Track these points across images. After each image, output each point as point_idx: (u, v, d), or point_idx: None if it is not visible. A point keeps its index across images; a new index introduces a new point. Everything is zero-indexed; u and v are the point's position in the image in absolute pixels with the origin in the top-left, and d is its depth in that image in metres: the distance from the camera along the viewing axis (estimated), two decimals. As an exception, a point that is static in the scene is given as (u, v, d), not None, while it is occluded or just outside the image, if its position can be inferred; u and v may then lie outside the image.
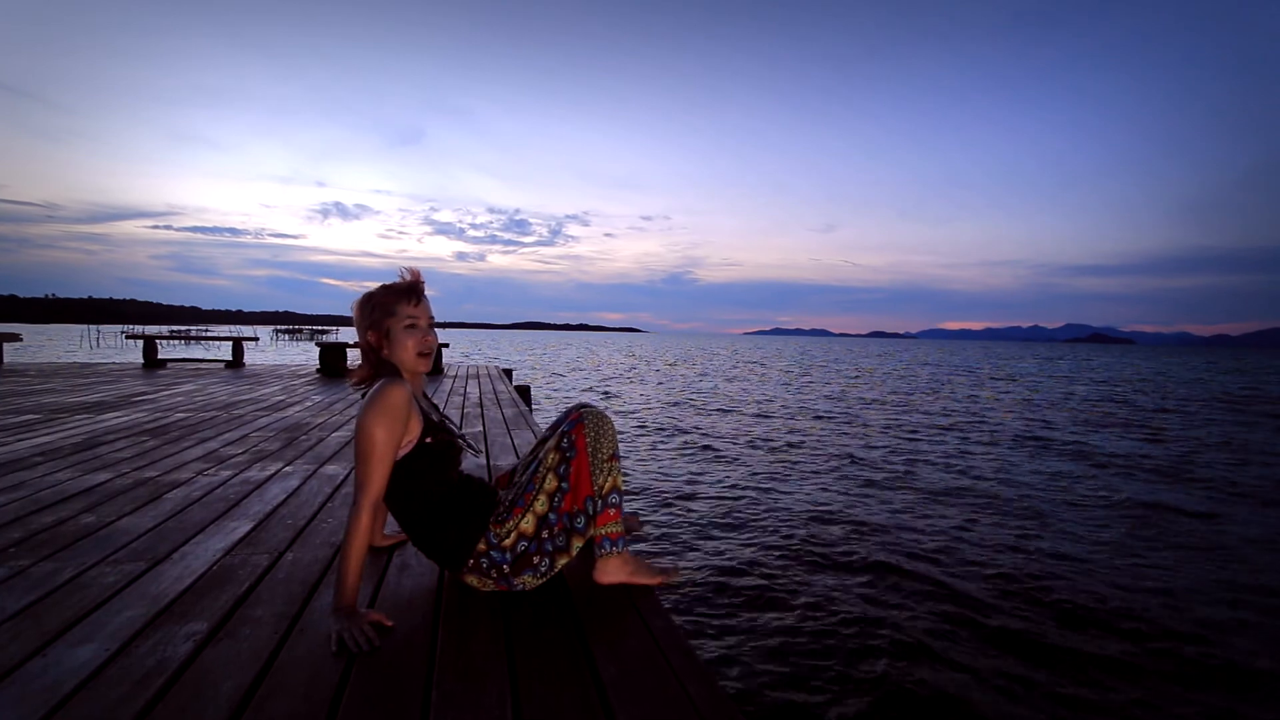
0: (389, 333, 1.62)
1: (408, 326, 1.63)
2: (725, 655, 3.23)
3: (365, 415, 1.49)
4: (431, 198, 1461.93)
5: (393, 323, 1.62)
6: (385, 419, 1.49)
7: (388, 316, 1.62)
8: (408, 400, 1.54)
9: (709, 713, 1.17)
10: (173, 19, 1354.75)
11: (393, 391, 1.52)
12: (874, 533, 5.31)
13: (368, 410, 1.50)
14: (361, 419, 1.50)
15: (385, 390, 1.52)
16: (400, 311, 1.62)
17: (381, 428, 1.48)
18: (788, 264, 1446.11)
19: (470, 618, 1.54)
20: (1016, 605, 3.93)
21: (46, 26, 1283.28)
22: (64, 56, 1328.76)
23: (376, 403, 1.50)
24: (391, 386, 1.53)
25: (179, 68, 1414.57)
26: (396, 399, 1.51)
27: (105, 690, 1.20)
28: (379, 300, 1.63)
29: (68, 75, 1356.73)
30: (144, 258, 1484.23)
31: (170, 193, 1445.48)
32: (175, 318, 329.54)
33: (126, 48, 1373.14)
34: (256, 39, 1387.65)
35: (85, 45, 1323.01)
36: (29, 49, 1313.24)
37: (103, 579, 1.75)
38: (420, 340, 1.64)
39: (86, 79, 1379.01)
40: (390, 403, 1.50)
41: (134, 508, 2.45)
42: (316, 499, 2.64)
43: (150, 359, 9.78)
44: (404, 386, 1.55)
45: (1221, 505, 6.63)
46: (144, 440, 3.87)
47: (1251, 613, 3.93)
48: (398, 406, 1.51)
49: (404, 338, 1.62)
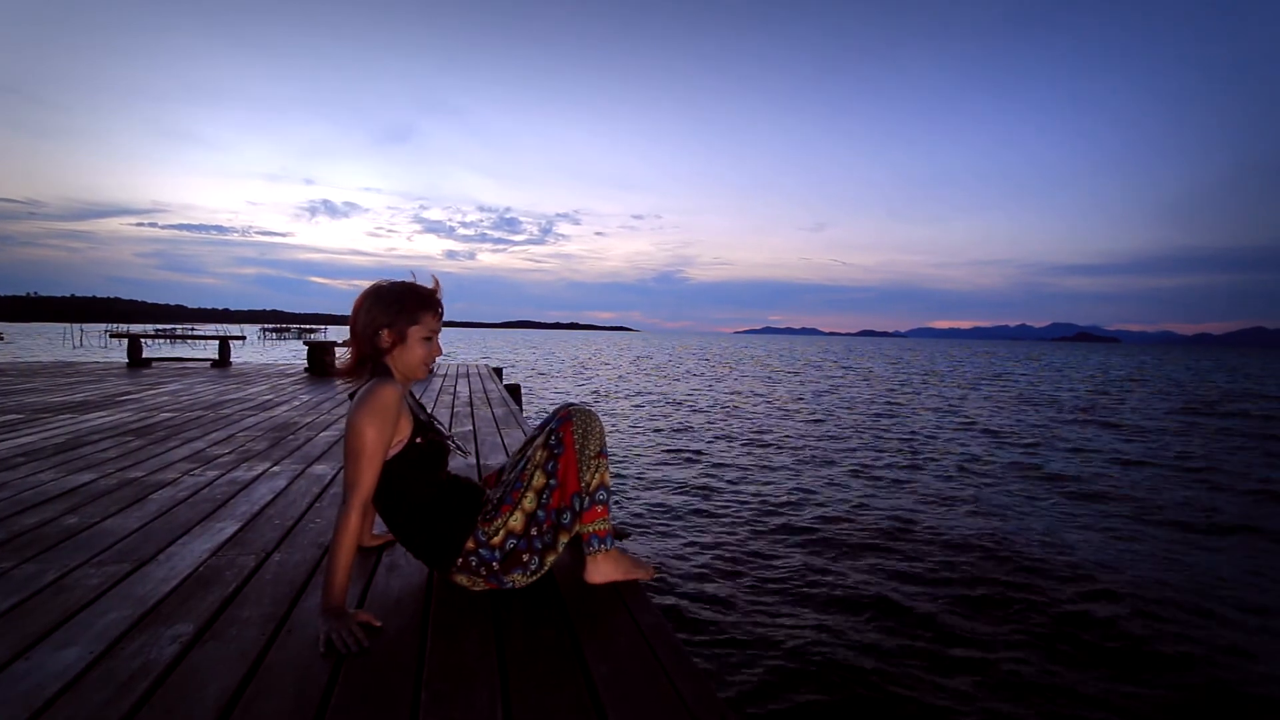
0: (406, 337, 1.61)
1: (426, 338, 1.63)
2: (713, 650, 3.25)
3: (357, 414, 1.48)
4: (421, 196, 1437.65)
5: (415, 331, 1.61)
6: (377, 418, 1.48)
7: (412, 323, 1.61)
8: (399, 400, 1.54)
9: (699, 709, 1.17)
10: (158, 13, 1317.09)
11: (385, 391, 1.51)
12: (859, 525, 5.36)
13: (359, 409, 1.49)
14: (353, 418, 1.49)
15: (377, 390, 1.51)
16: (424, 321, 1.62)
17: (373, 427, 1.47)
18: (778, 263, 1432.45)
19: (460, 617, 1.54)
20: (1011, 595, 3.98)
21: (28, 21, 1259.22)
22: (46, 51, 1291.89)
23: (369, 402, 1.49)
24: (384, 386, 1.52)
25: (165, 63, 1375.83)
26: (389, 398, 1.50)
27: (89, 693, 1.19)
28: (407, 304, 1.60)
29: (50, 70, 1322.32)
30: (129, 255, 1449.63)
31: (156, 190, 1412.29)
32: (161, 316, 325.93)
33: (111, 43, 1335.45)
34: (244, 35, 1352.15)
35: (68, 40, 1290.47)
36: (10, 43, 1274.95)
37: (87, 581, 1.73)
38: (430, 353, 1.65)
39: (69, 74, 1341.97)
40: (383, 402, 1.49)
41: (119, 509, 2.42)
42: (304, 499, 2.62)
43: (135, 358, 9.65)
44: (396, 386, 1.54)
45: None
46: (129, 440, 3.82)
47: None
48: (390, 406, 1.50)
49: (419, 348, 1.62)
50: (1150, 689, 3.05)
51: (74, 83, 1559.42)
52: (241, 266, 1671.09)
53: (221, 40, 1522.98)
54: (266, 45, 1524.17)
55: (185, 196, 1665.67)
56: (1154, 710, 2.89)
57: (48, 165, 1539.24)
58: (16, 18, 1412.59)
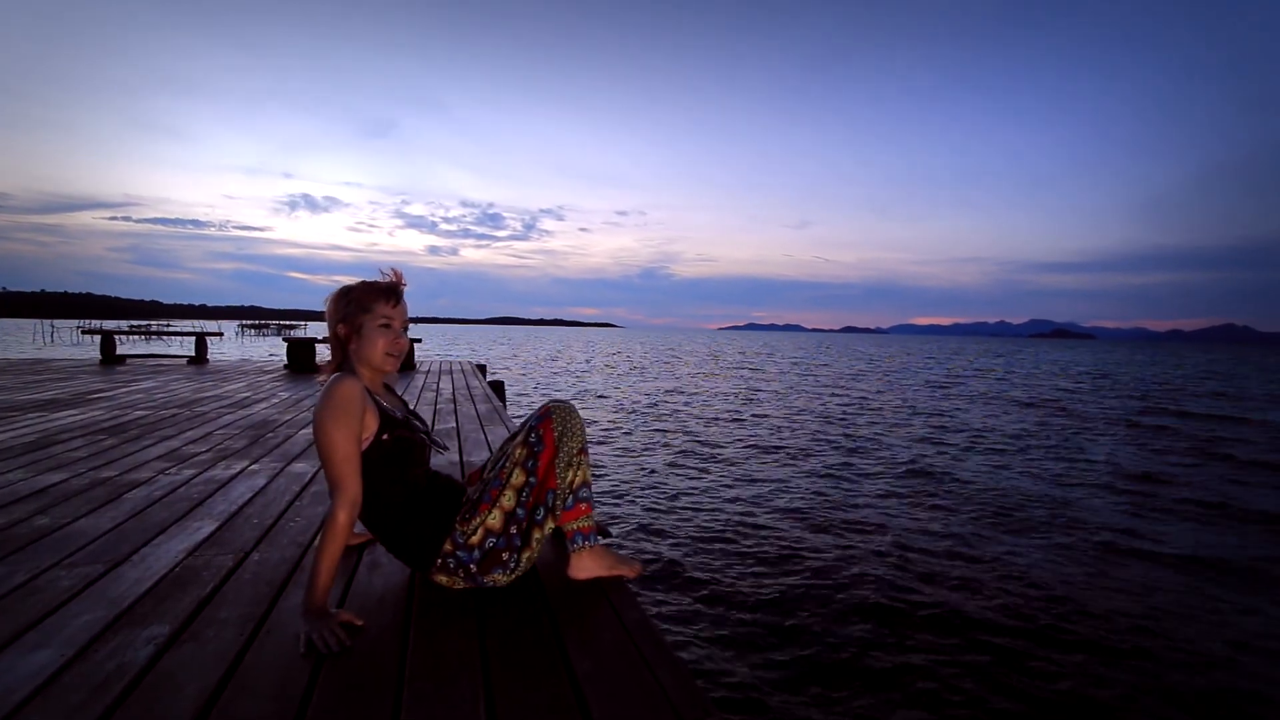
0: (361, 328, 1.60)
1: (381, 325, 1.61)
2: (697, 646, 3.27)
3: (317, 414, 1.47)
4: (403, 190, 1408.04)
5: (367, 319, 1.60)
6: (337, 414, 1.45)
7: (363, 312, 1.60)
8: (360, 395, 1.50)
9: (682, 703, 1.18)
10: (129, 1, 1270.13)
11: (341, 386, 1.49)
12: (835, 521, 5.42)
13: (318, 408, 1.47)
14: (315, 418, 1.47)
15: (334, 386, 1.49)
16: (376, 309, 1.60)
17: (335, 425, 1.45)
18: (762, 260, 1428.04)
19: (443, 615, 1.53)
20: (984, 591, 4.05)
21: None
22: (13, 40, 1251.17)
23: (326, 400, 1.47)
24: (341, 382, 1.50)
25: (138, 53, 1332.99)
26: (346, 393, 1.48)
27: (62, 696, 1.17)
28: (356, 295, 1.61)
29: (18, 59, 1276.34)
30: (101, 250, 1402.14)
31: (129, 182, 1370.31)
32: (135, 312, 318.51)
33: (82, 32, 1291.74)
34: (220, 25, 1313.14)
35: (37, 29, 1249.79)
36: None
37: (58, 582, 1.69)
38: (391, 341, 1.62)
39: (37, 63, 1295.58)
40: (340, 398, 1.47)
41: (91, 509, 2.37)
42: (284, 497, 2.59)
43: (108, 355, 9.44)
44: (355, 381, 1.52)
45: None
46: (101, 439, 3.74)
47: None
48: (349, 400, 1.48)
49: (375, 336, 1.60)
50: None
51: (43, 72, 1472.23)
52: (219, 261, 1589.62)
53: (196, 30, 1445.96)
54: (243, 36, 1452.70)
55: (160, 190, 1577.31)
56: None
57: (15, 157, 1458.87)
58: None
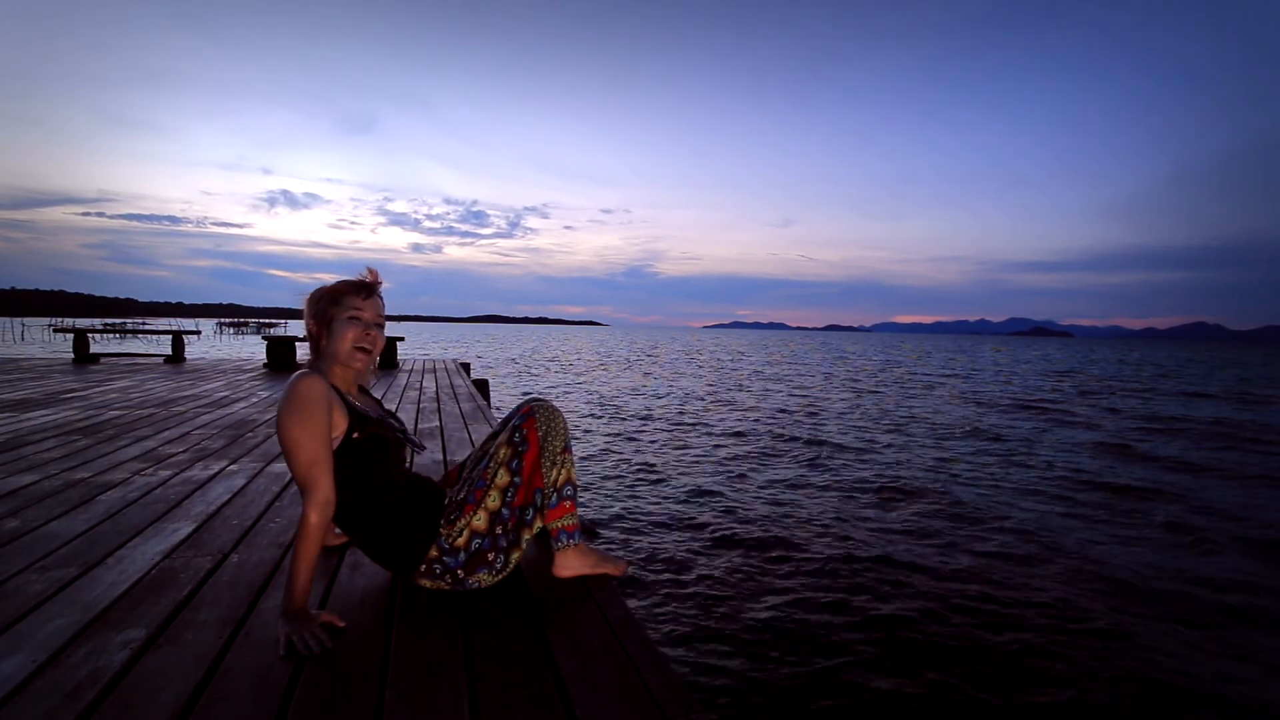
0: (331, 323, 1.57)
1: (350, 318, 1.56)
2: (682, 645, 3.28)
3: (278, 413, 1.43)
4: (385, 187, 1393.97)
5: (336, 312, 1.56)
6: (298, 413, 1.41)
7: (333, 306, 1.57)
8: (322, 391, 1.46)
9: (666, 701, 1.19)
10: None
11: (301, 383, 1.45)
12: (822, 520, 5.47)
13: (280, 408, 1.44)
14: (277, 419, 1.44)
15: (294, 384, 1.45)
16: (346, 303, 1.57)
17: (296, 423, 1.41)
18: (746, 258, 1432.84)
19: (426, 615, 1.52)
20: (967, 594, 4.11)
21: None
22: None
23: (286, 398, 1.44)
24: (301, 379, 1.46)
25: (111, 46, 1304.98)
26: (306, 390, 1.44)
27: (33, 704, 1.14)
28: (328, 290, 1.59)
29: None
30: (74, 246, 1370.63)
31: (103, 178, 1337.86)
32: (109, 310, 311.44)
33: (54, 24, 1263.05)
34: (197, 18, 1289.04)
35: (4, 20, 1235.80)
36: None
37: (29, 587, 1.65)
38: (360, 334, 1.57)
39: (6, 55, 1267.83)
40: (300, 396, 1.43)
41: (64, 510, 2.32)
42: (263, 498, 2.55)
43: (81, 353, 9.23)
44: (317, 378, 1.48)
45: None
46: (75, 439, 3.66)
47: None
48: (311, 398, 1.43)
49: (344, 329, 1.56)
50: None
51: (12, 64, 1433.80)
52: (196, 259, 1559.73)
53: (173, 23, 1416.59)
54: (221, 29, 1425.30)
55: (135, 185, 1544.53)
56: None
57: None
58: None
